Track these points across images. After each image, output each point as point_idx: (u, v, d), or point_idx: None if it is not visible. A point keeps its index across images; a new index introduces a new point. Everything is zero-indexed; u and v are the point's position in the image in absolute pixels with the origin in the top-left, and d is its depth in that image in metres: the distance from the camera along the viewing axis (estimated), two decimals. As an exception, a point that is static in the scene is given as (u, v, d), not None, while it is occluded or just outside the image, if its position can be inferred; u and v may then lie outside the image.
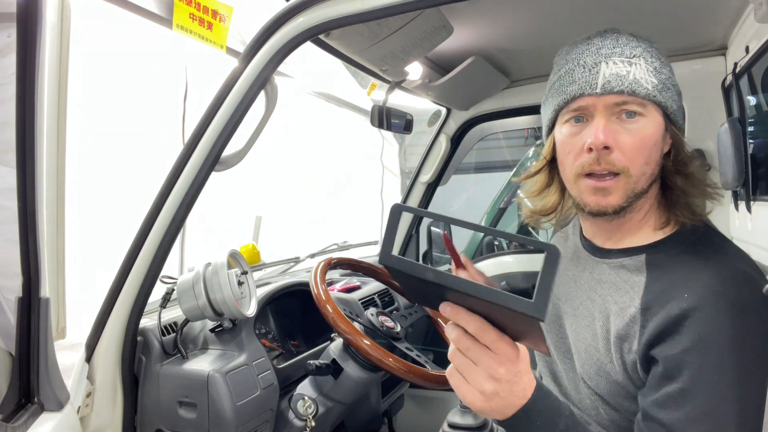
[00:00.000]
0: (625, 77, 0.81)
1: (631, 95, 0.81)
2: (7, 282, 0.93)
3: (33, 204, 0.88)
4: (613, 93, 0.81)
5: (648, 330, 0.80)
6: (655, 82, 0.82)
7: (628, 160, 0.82)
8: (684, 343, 0.76)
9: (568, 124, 0.88)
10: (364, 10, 1.06)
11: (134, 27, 1.54)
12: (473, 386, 0.65)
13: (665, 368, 0.77)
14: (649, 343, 0.79)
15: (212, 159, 1.22)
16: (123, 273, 1.24)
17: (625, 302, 0.85)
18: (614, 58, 0.82)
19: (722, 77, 1.74)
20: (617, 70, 0.81)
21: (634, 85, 0.81)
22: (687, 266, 0.82)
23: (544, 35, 1.58)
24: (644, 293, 0.83)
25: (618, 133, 0.82)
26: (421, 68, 1.72)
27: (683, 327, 0.76)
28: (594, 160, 0.83)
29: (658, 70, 0.84)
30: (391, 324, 1.45)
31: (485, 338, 0.63)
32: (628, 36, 0.86)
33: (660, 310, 0.79)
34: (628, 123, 0.82)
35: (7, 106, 0.86)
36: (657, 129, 0.84)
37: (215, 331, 1.41)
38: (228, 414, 1.22)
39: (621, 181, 0.83)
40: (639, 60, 0.82)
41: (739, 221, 1.70)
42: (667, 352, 0.77)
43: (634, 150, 0.82)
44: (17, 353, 0.92)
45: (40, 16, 0.84)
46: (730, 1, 1.37)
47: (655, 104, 0.83)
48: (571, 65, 0.86)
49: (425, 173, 2.37)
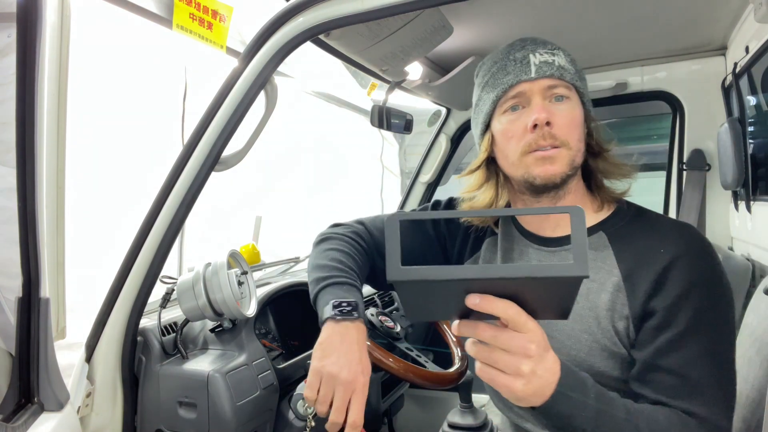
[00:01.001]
0: (552, 64, 0.93)
1: (559, 79, 0.93)
2: (7, 282, 0.93)
3: (33, 204, 0.88)
4: (545, 77, 0.92)
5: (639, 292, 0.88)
6: (573, 70, 0.95)
7: (566, 135, 0.92)
8: (676, 290, 0.84)
9: (506, 114, 0.96)
10: (364, 10, 1.06)
11: (134, 27, 1.54)
12: (511, 373, 0.64)
13: (663, 318, 0.84)
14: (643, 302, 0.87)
15: (212, 159, 1.22)
16: (123, 273, 1.24)
17: (602, 277, 0.92)
18: (539, 50, 0.95)
19: (722, 77, 1.74)
20: (544, 58, 0.93)
21: (561, 71, 0.93)
22: (647, 230, 0.93)
23: (545, 35, 1.58)
24: (619, 263, 0.92)
25: (554, 113, 0.92)
26: (421, 68, 1.72)
27: (669, 278, 0.85)
28: (539, 137, 0.91)
29: (573, 62, 0.97)
30: (391, 324, 1.45)
31: (519, 320, 0.62)
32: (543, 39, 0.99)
33: (643, 272, 0.88)
34: (559, 104, 0.93)
35: (7, 106, 0.86)
36: (580, 112, 0.96)
37: (215, 331, 1.41)
38: (228, 414, 1.22)
39: (563, 152, 0.92)
40: (559, 52, 0.95)
41: (739, 221, 1.70)
42: (662, 304, 0.85)
43: (569, 127, 0.92)
44: (17, 353, 0.92)
45: (40, 16, 0.84)
46: (730, 1, 1.37)
47: (576, 90, 0.95)
48: (502, 63, 0.97)
49: (425, 173, 2.37)
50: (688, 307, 0.83)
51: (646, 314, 0.87)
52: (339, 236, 1.16)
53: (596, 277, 0.93)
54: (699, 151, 1.89)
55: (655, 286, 0.86)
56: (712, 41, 1.70)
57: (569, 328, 0.94)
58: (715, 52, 1.78)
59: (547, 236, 1.01)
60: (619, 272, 0.91)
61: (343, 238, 1.15)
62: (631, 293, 0.89)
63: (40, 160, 0.88)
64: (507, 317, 0.61)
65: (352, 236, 1.16)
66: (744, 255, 1.64)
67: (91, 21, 1.65)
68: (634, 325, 0.88)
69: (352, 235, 1.17)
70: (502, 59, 0.97)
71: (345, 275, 1.04)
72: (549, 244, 1.00)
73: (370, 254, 1.17)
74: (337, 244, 1.13)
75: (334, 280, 1.02)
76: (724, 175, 1.63)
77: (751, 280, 1.53)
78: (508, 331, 0.63)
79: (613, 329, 0.89)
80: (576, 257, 0.54)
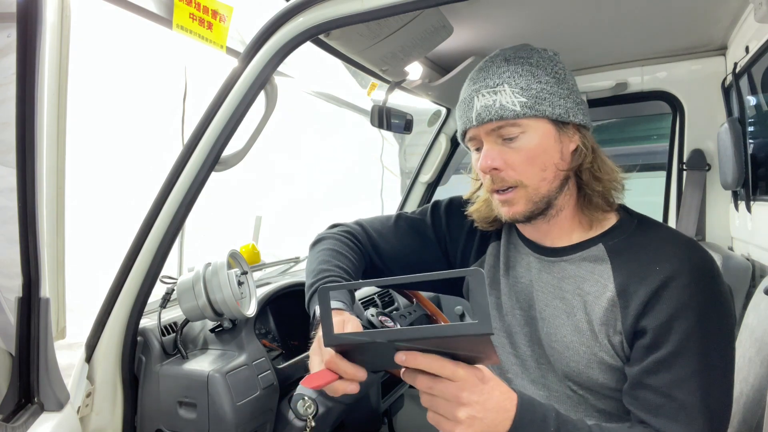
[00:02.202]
0: (492, 106, 0.90)
1: (500, 120, 0.90)
2: (7, 282, 0.93)
3: (33, 204, 0.88)
4: (485, 122, 0.91)
5: (631, 308, 0.86)
6: (523, 100, 0.90)
7: (519, 175, 0.91)
8: (668, 310, 0.83)
9: (473, 153, 0.99)
10: (364, 10, 1.06)
11: (135, 26, 1.54)
12: (450, 419, 0.69)
13: (653, 338, 0.84)
14: (635, 318, 0.86)
15: (212, 159, 1.22)
16: (123, 273, 1.24)
17: (598, 290, 0.91)
18: (482, 90, 0.92)
19: (722, 77, 1.74)
20: (485, 101, 0.91)
21: (500, 111, 0.90)
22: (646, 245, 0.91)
23: (544, 35, 1.59)
24: (615, 277, 0.90)
25: (504, 153, 0.91)
26: (421, 68, 1.72)
27: (663, 297, 0.84)
28: (491, 181, 0.93)
29: (525, 88, 0.91)
30: (391, 324, 1.45)
31: (445, 372, 0.67)
32: (500, 62, 0.94)
33: (638, 287, 0.86)
34: (511, 143, 0.91)
35: (6, 106, 0.86)
36: (543, 138, 0.91)
37: (215, 331, 1.41)
38: (228, 414, 1.22)
39: (519, 192, 0.92)
40: (503, 86, 0.91)
41: (739, 221, 1.70)
42: (653, 323, 0.84)
43: (523, 165, 0.91)
44: (17, 353, 0.92)
45: (40, 16, 0.84)
46: (730, 1, 1.37)
47: (532, 117, 0.90)
48: (460, 102, 0.97)
49: (425, 173, 2.37)
50: (678, 329, 0.82)
51: (637, 332, 0.86)
52: (333, 236, 1.16)
53: (591, 290, 0.92)
54: (699, 151, 1.89)
55: (647, 305, 0.85)
56: (712, 41, 1.70)
57: (568, 340, 0.93)
58: (715, 52, 1.78)
59: (547, 246, 1.00)
60: (614, 286, 0.89)
61: (337, 237, 1.16)
62: (624, 309, 0.87)
63: (40, 160, 0.88)
64: (432, 371, 0.67)
65: (346, 236, 1.17)
66: (744, 255, 1.64)
67: (92, 20, 1.65)
68: (627, 341, 0.87)
69: (347, 235, 1.17)
70: (462, 95, 0.98)
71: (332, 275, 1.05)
72: (548, 254, 0.99)
73: (366, 253, 1.17)
74: (330, 244, 1.13)
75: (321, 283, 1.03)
76: (724, 175, 1.63)
77: (751, 280, 1.53)
78: (442, 380, 0.68)
79: (609, 343, 0.89)
80: (479, 316, 0.60)
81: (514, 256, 1.06)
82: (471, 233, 1.14)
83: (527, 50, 0.96)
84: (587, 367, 0.91)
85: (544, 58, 0.94)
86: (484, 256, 1.11)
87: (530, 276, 1.01)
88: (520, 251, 1.05)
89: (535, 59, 0.94)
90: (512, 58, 0.94)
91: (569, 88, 0.94)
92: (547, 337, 0.96)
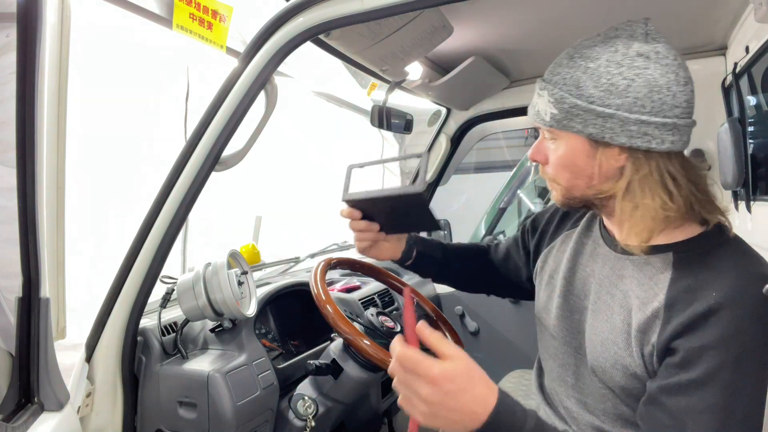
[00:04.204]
0: (533, 107, 0.95)
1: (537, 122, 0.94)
2: (7, 282, 0.93)
3: (33, 204, 0.88)
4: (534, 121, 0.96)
5: (671, 325, 0.82)
6: (554, 112, 0.89)
7: (552, 173, 0.96)
8: (707, 338, 0.78)
9: None
10: (364, 10, 1.06)
11: (136, 26, 1.54)
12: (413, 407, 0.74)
13: (683, 358, 0.79)
14: (671, 336, 0.82)
15: (212, 159, 1.22)
16: (123, 273, 1.24)
17: (648, 297, 0.88)
18: (537, 86, 0.94)
19: (722, 77, 1.74)
20: (534, 99, 0.95)
21: (537, 117, 0.94)
22: (715, 266, 0.84)
23: (544, 35, 1.59)
24: (668, 290, 0.86)
25: (546, 150, 0.96)
26: (421, 68, 1.72)
27: (708, 323, 0.79)
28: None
29: (560, 100, 0.88)
30: (391, 324, 1.45)
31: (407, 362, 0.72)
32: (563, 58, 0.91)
33: (686, 307, 0.82)
34: (550, 143, 0.95)
35: (5, 105, 0.86)
36: (571, 151, 0.91)
37: (215, 331, 1.41)
38: (228, 414, 1.22)
39: (554, 186, 0.98)
40: (544, 92, 0.91)
41: (739, 221, 1.70)
42: (688, 344, 0.79)
43: (555, 166, 0.95)
44: (17, 353, 0.92)
45: (40, 16, 0.84)
46: (730, 1, 1.37)
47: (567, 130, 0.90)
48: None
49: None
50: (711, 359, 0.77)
51: (669, 349, 0.82)
52: None
53: (641, 295, 0.88)
54: (699, 151, 1.89)
55: (689, 326, 0.80)
56: (712, 41, 1.70)
57: (604, 336, 0.91)
58: (715, 52, 1.78)
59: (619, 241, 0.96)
60: (664, 298, 0.85)
61: None
62: (665, 323, 0.83)
63: (40, 160, 0.88)
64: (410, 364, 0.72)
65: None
66: (744, 255, 1.63)
67: (92, 20, 1.65)
68: (657, 356, 0.84)
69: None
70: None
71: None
72: (618, 249, 0.97)
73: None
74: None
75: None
76: (724, 175, 1.63)
77: (751, 280, 1.52)
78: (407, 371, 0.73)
79: (640, 352, 0.86)
80: (417, 180, 0.95)
81: (586, 243, 1.06)
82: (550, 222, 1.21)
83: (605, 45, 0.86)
84: (612, 367, 0.89)
85: (613, 62, 0.84)
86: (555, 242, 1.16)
87: (594, 266, 1.01)
88: (595, 240, 1.05)
89: (602, 62, 0.85)
90: (576, 55, 0.88)
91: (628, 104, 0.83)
92: (590, 328, 0.96)
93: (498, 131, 2.51)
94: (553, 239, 1.17)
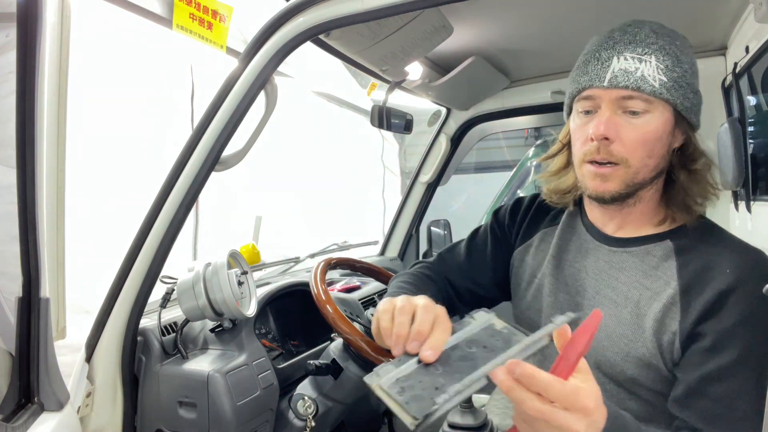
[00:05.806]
0: (633, 74, 0.85)
1: (635, 91, 0.85)
2: (7, 282, 0.93)
3: (33, 203, 0.88)
4: (619, 87, 0.85)
5: (693, 309, 0.83)
6: (664, 80, 0.85)
7: (627, 152, 0.87)
8: (734, 316, 0.79)
9: (579, 114, 0.93)
10: (364, 10, 1.06)
11: (139, 26, 1.54)
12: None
13: (714, 342, 0.80)
14: (696, 320, 0.82)
15: (212, 159, 1.22)
16: (123, 273, 1.24)
17: (659, 286, 0.88)
18: (626, 53, 0.86)
19: (722, 77, 1.74)
20: (626, 65, 0.85)
21: (639, 82, 0.85)
22: (716, 247, 0.87)
23: (544, 35, 1.59)
24: (679, 276, 0.87)
25: (621, 126, 0.87)
26: (421, 68, 1.72)
27: (730, 301, 0.80)
28: (595, 150, 0.88)
29: (670, 68, 0.86)
30: (391, 324, 1.45)
31: (567, 398, 0.60)
32: (649, 31, 0.88)
33: (703, 289, 0.82)
34: (633, 118, 0.86)
35: (3, 104, 0.86)
36: (663, 125, 0.87)
37: (215, 331, 1.41)
38: (228, 414, 1.22)
39: (620, 170, 0.88)
40: (650, 57, 0.85)
41: (739, 221, 1.70)
42: (716, 327, 0.80)
43: (635, 143, 0.86)
44: (17, 353, 0.92)
45: (40, 16, 0.84)
46: (730, 1, 1.37)
47: (664, 101, 0.86)
48: (588, 57, 0.91)
49: (425, 173, 2.37)
50: (743, 337, 0.78)
51: (696, 334, 0.82)
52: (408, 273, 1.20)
53: (652, 286, 0.89)
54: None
55: (711, 307, 0.81)
56: (712, 41, 1.70)
57: (611, 330, 0.90)
58: (715, 52, 1.78)
59: (609, 235, 0.98)
60: (678, 285, 0.86)
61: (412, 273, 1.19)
62: (685, 309, 0.83)
63: (40, 160, 0.88)
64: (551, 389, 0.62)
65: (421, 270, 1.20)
66: (744, 255, 1.63)
67: (92, 20, 1.65)
68: (681, 343, 0.83)
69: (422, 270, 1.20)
70: (592, 51, 0.91)
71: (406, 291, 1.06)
72: (611, 242, 0.97)
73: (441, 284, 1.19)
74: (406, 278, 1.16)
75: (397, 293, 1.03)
76: (724, 175, 1.63)
77: (752, 280, 1.52)
78: (564, 407, 0.61)
79: (656, 341, 0.86)
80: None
81: (571, 239, 1.04)
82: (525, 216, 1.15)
83: (669, 29, 0.90)
84: (623, 360, 0.88)
85: (686, 46, 0.89)
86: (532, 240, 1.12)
87: (584, 262, 0.99)
88: (580, 236, 1.03)
89: (680, 43, 0.89)
90: (660, 32, 0.88)
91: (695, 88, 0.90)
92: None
93: (498, 131, 2.52)
94: (528, 237, 1.13)
